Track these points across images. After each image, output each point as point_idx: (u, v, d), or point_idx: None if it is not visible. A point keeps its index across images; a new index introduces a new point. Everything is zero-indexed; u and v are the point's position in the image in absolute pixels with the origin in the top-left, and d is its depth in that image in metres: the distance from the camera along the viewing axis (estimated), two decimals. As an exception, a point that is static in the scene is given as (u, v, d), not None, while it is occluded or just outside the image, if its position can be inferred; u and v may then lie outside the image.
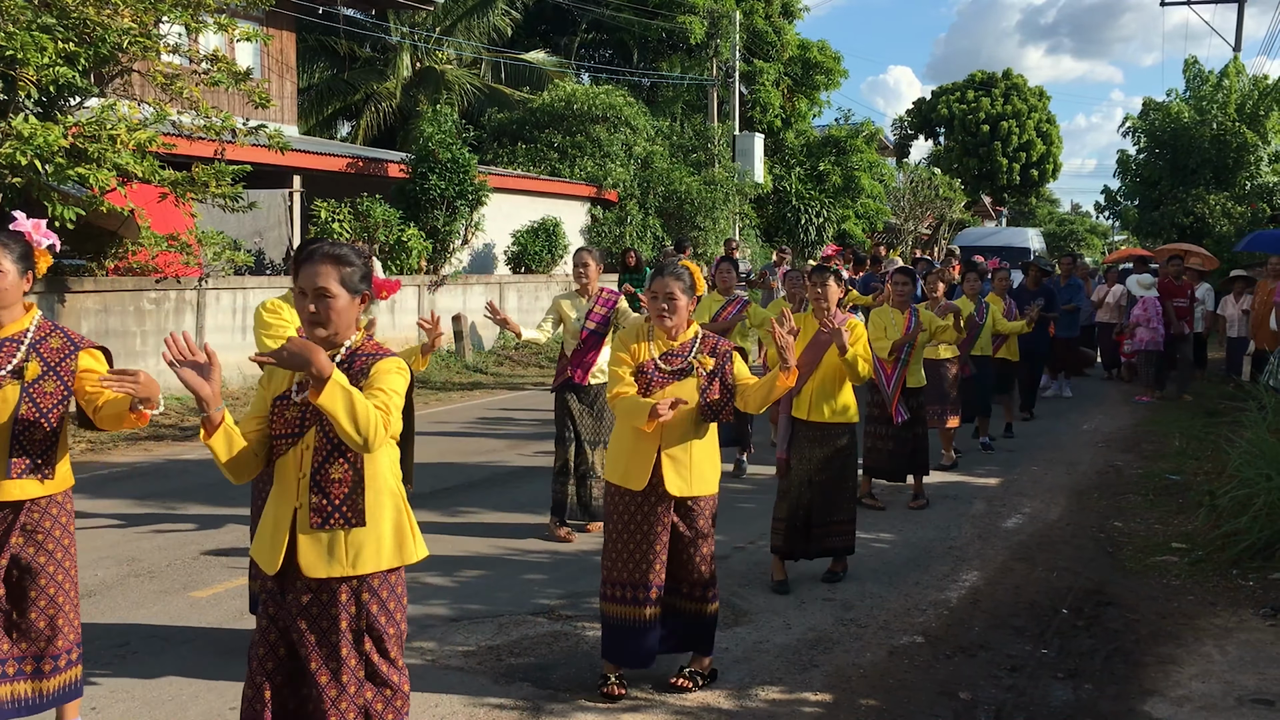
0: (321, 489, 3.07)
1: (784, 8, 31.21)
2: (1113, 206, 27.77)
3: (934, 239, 36.49)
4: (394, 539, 3.19)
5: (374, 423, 2.91)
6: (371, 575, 3.13)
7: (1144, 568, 6.64)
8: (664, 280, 4.50)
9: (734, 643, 5.26)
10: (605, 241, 21.91)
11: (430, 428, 11.57)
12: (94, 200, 10.40)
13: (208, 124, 11.59)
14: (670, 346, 4.56)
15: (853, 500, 6.26)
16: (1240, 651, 5.20)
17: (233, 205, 11.97)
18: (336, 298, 3.08)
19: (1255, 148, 24.11)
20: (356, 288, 3.13)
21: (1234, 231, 23.04)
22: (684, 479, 4.47)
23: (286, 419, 3.10)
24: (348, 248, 3.15)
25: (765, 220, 29.34)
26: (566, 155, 22.65)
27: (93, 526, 7.23)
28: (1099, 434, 11.67)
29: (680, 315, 4.51)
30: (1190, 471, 9.16)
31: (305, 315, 3.10)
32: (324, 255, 3.08)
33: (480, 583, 6.21)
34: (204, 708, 4.46)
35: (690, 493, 4.48)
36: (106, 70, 11.17)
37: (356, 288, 3.13)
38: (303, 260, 3.11)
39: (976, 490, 8.83)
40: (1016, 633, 5.49)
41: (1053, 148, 46.50)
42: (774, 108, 30.15)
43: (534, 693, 4.61)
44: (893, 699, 4.64)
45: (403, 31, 25.87)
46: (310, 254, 3.10)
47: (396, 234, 14.95)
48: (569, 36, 30.86)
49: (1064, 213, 77.34)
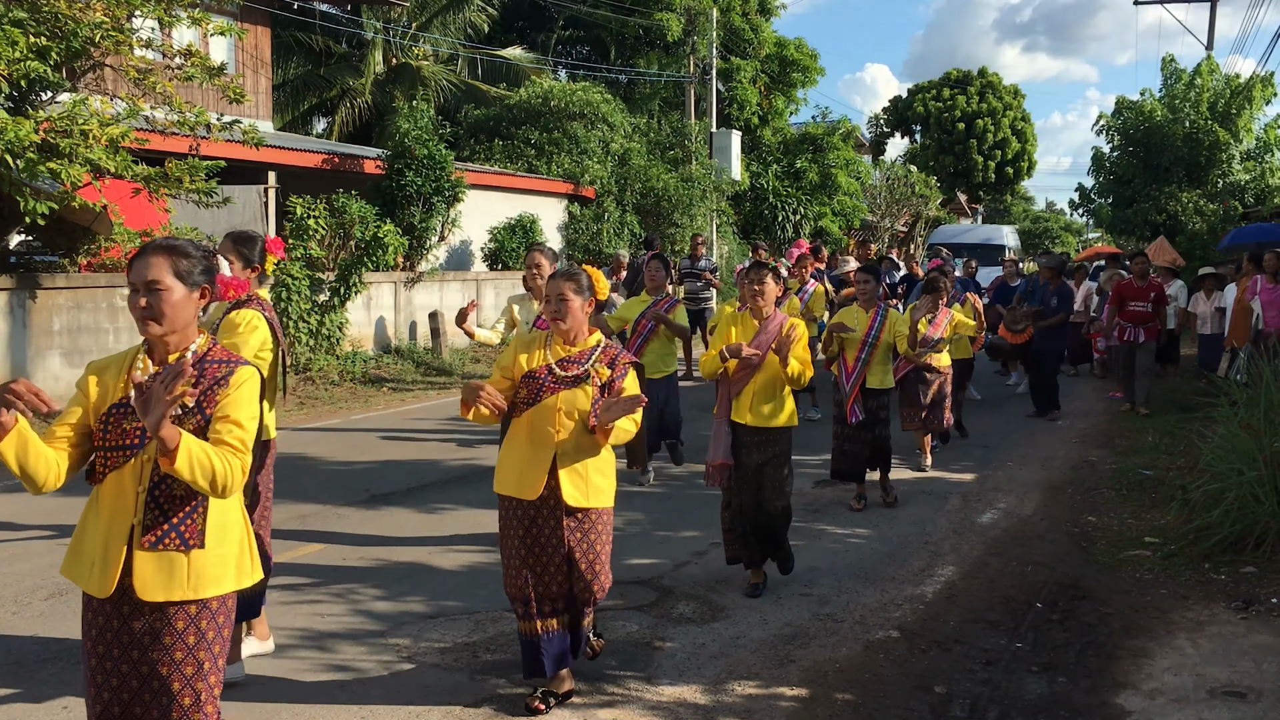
0: (160, 506, 2.85)
1: (761, 5, 31.25)
2: (1087, 204, 28.00)
3: (910, 236, 36.64)
4: (236, 561, 2.97)
5: (228, 476, 2.77)
6: (211, 599, 2.90)
7: (1117, 562, 6.69)
8: (555, 282, 4.35)
9: (710, 638, 5.26)
10: (583, 238, 21.89)
11: (406, 425, 11.54)
12: (66, 196, 10.31)
13: (181, 119, 11.50)
14: (569, 353, 4.36)
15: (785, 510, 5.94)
16: (1212, 644, 5.25)
17: (207, 201, 11.88)
18: (170, 290, 2.88)
19: (1227, 146, 24.36)
20: (195, 281, 2.93)
21: (1206, 229, 23.27)
22: (580, 490, 4.29)
23: (124, 430, 2.88)
24: (186, 241, 2.99)
25: (742, 217, 29.37)
26: (544, 152, 22.60)
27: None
28: (1072, 429, 11.75)
29: (574, 318, 4.33)
30: (1163, 466, 9.23)
31: (137, 312, 2.89)
32: (156, 247, 2.92)
33: (456, 579, 6.19)
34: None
35: (586, 504, 4.30)
36: (79, 65, 11.07)
37: (195, 281, 2.93)
38: (135, 256, 2.93)
39: (952, 486, 8.87)
40: (991, 627, 5.52)
41: (1027, 145, 46.77)
42: (751, 105, 30.18)
43: (510, 689, 4.60)
44: (868, 693, 4.65)
45: (376, 27, 25.75)
46: (142, 248, 2.94)
47: (373, 231, 14.88)
48: (546, 33, 30.81)
49: (1039, 210, 77.85)
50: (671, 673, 4.80)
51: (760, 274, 5.84)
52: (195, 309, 2.95)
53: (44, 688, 4.57)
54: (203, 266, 2.97)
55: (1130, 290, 12.56)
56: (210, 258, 3.02)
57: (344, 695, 4.55)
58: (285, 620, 5.41)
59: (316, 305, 14.31)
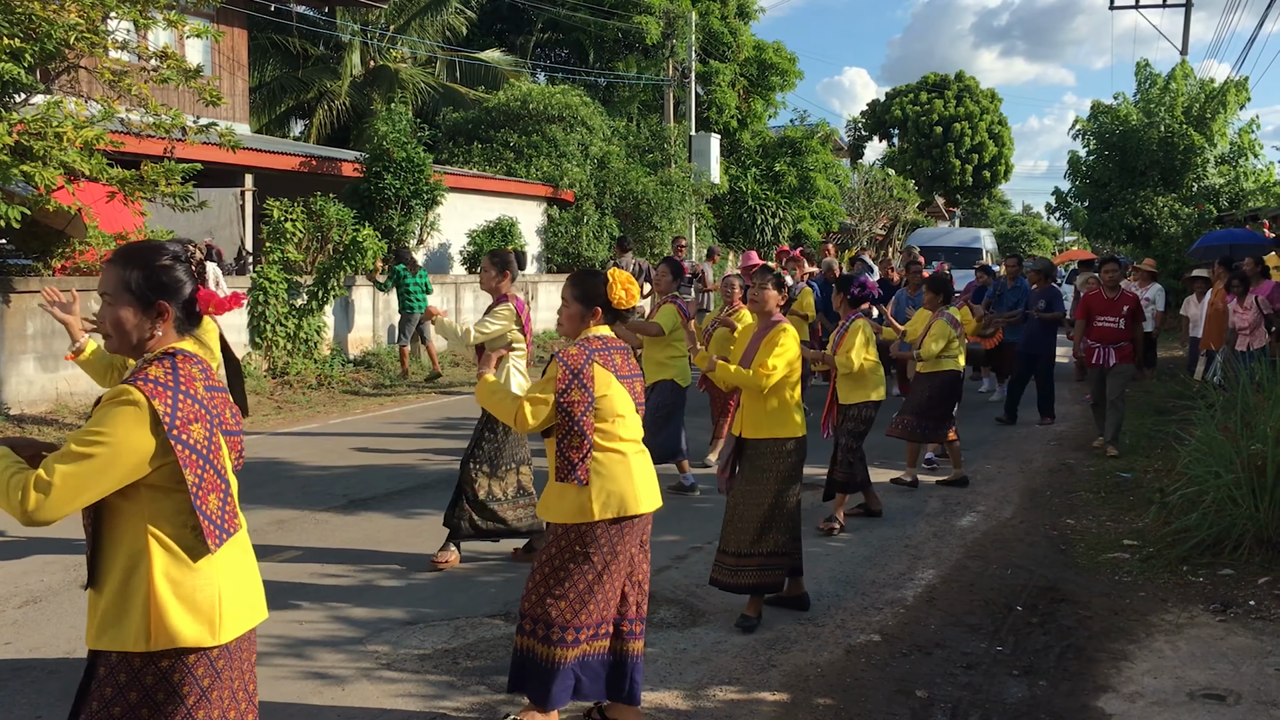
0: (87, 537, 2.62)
1: (740, 9, 31.35)
2: (1063, 208, 28.16)
3: (889, 239, 36.76)
4: (141, 617, 2.52)
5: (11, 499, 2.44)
6: (109, 653, 2.54)
7: (1096, 565, 6.71)
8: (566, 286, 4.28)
9: (691, 643, 5.25)
10: (562, 241, 21.87)
11: (386, 429, 11.48)
12: (40, 199, 10.20)
13: (157, 121, 11.40)
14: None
15: (780, 537, 5.52)
16: (1191, 647, 5.27)
17: (183, 204, 11.79)
18: (116, 305, 2.61)
19: (1202, 150, 24.53)
20: (144, 296, 2.62)
21: (1181, 232, 23.43)
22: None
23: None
24: (153, 247, 2.68)
25: (721, 220, 29.42)
26: (522, 155, 22.57)
27: (41, 533, 7.09)
28: (1051, 432, 11.80)
29: (568, 324, 4.27)
30: (1141, 469, 9.28)
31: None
32: (115, 255, 2.68)
33: (436, 585, 6.15)
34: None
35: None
36: (53, 66, 10.95)
37: (144, 296, 2.62)
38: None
39: (932, 489, 8.89)
40: (972, 630, 5.53)
41: (1004, 149, 47.10)
42: (730, 108, 30.25)
43: (490, 696, 4.57)
44: (850, 698, 4.65)
45: (354, 29, 25.66)
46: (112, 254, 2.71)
47: (351, 234, 14.80)
48: (525, 36, 30.79)
49: (1016, 214, 78.35)
50: (652, 678, 4.78)
51: (763, 279, 5.68)
52: (147, 325, 2.63)
53: (15, 697, 4.51)
54: (154, 282, 2.63)
55: (1099, 303, 10.44)
56: (177, 269, 2.69)
57: (322, 703, 4.51)
58: (262, 628, 5.32)
59: (294, 309, 14.22)
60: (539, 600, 4.10)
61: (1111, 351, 10.27)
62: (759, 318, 5.74)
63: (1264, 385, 7.47)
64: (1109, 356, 10.27)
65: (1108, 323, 10.31)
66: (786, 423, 5.50)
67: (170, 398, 2.53)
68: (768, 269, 5.93)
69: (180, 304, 2.68)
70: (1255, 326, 11.16)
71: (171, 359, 2.62)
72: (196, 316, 2.73)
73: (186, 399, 2.57)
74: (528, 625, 4.13)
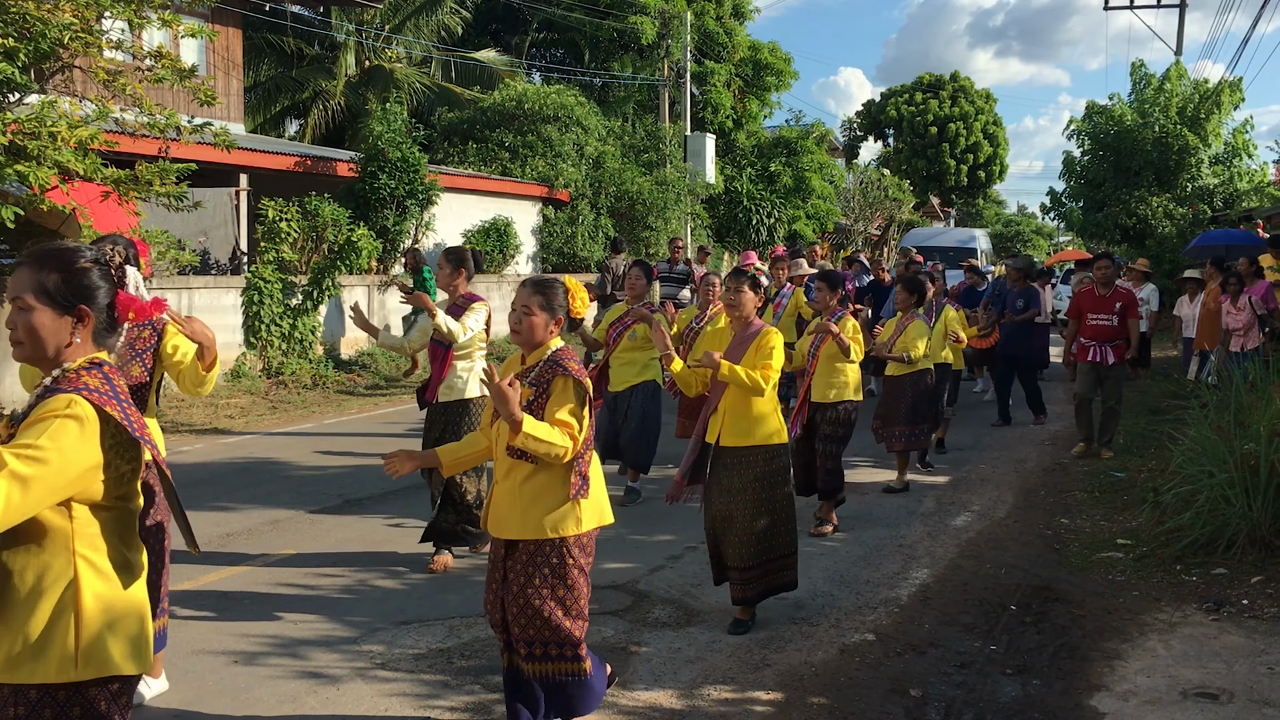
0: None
1: (735, 9, 31.35)
2: (1058, 208, 28.19)
3: (884, 239, 36.82)
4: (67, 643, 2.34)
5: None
6: (26, 689, 2.35)
7: (1090, 564, 6.72)
8: (522, 291, 4.04)
9: (686, 642, 5.25)
10: (557, 241, 21.87)
11: (379, 429, 11.47)
12: (34, 199, 10.18)
13: (151, 121, 11.38)
14: (527, 364, 4.05)
15: (783, 539, 5.50)
16: (1184, 646, 5.28)
17: (177, 204, 11.76)
18: (32, 311, 2.44)
19: (1196, 150, 24.57)
20: (63, 300, 2.45)
21: (1175, 232, 23.48)
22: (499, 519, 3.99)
23: None
24: (70, 249, 2.52)
25: (717, 221, 29.43)
26: (518, 155, 22.56)
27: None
28: (1045, 432, 11.81)
29: (532, 332, 3.97)
30: (1134, 469, 9.29)
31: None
32: (28, 257, 2.48)
33: (430, 585, 6.15)
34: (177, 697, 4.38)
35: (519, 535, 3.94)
36: (47, 66, 10.93)
37: (63, 300, 2.45)
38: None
39: (926, 488, 8.90)
40: (966, 629, 5.54)
41: (999, 149, 47.22)
42: (725, 108, 30.25)
43: (484, 695, 4.57)
44: (844, 697, 4.65)
45: (349, 29, 25.64)
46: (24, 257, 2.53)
47: (346, 234, 14.80)
48: (520, 36, 30.78)
49: (1010, 214, 78.37)
50: (647, 677, 4.79)
51: (739, 282, 5.56)
52: (66, 333, 2.46)
53: None
54: (74, 287, 2.47)
55: (1091, 300, 10.20)
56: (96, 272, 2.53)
57: (316, 703, 4.51)
58: (256, 627, 5.36)
59: (289, 309, 14.21)
60: (556, 625, 3.88)
61: (1109, 350, 10.05)
62: (737, 321, 5.60)
63: (1257, 385, 7.49)
64: (1106, 354, 10.05)
65: (1100, 320, 10.10)
66: (776, 429, 5.46)
67: (119, 406, 2.41)
68: (741, 271, 5.83)
69: (100, 310, 2.51)
70: (1249, 327, 11.17)
71: (100, 369, 2.47)
72: (115, 324, 2.56)
73: (132, 408, 2.46)
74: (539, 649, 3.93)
